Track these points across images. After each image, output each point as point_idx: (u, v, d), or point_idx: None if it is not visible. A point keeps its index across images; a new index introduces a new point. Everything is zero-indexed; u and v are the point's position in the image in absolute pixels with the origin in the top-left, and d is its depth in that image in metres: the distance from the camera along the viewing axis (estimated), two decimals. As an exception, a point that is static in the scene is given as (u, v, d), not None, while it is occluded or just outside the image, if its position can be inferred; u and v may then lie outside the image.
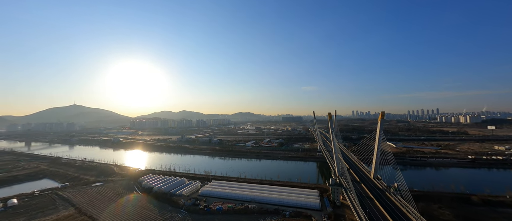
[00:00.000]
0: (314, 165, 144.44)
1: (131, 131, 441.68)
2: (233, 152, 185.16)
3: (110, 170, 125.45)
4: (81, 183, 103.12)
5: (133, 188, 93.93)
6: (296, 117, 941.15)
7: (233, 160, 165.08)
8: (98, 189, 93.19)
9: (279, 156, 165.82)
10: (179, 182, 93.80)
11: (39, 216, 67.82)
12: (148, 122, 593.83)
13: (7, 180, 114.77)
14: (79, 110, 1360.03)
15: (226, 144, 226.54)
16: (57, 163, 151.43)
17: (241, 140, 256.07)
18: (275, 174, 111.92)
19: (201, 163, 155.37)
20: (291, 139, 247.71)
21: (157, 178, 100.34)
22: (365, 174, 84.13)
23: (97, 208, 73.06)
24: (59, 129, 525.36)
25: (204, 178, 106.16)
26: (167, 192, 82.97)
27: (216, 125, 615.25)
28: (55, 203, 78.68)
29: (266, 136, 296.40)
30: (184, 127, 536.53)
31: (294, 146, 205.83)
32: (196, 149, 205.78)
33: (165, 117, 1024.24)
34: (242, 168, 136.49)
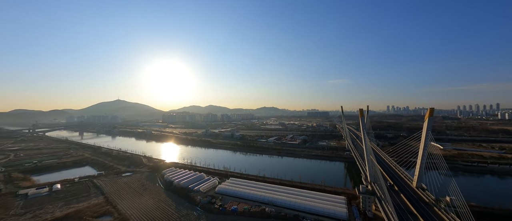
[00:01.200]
0: (341, 165, 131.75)
1: (162, 124, 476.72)
2: (254, 148, 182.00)
3: (139, 161, 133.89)
4: (113, 172, 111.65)
5: (156, 180, 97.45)
6: (322, 112, 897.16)
7: (254, 156, 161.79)
8: (126, 180, 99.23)
9: (302, 153, 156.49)
10: (198, 178, 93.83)
11: (74, 202, 74.01)
12: (177, 116, 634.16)
13: (57, 166, 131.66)
14: (122, 104, 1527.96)
15: (248, 139, 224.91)
16: (98, 152, 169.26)
17: (263, 135, 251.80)
18: (297, 174, 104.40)
19: (222, 158, 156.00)
20: (316, 136, 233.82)
21: (178, 172, 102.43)
22: (405, 182, 70.98)
23: (122, 198, 76.84)
24: (104, 121, 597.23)
25: (222, 174, 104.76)
26: (185, 187, 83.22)
27: (239, 120, 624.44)
28: (89, 190, 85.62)
29: (289, 132, 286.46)
30: (210, 121, 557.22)
31: (319, 143, 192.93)
32: (218, 143, 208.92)
33: (193, 111, 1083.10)
34: (262, 165, 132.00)
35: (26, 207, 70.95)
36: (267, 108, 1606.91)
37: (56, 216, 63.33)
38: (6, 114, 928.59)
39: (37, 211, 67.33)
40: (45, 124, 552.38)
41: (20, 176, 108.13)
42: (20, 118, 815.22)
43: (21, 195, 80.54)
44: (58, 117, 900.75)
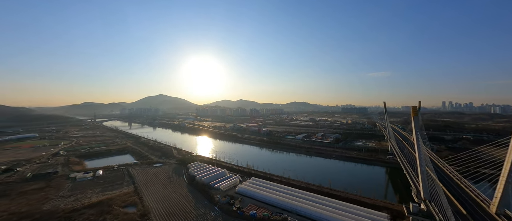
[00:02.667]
0: (381, 171, 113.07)
1: (196, 117, 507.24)
2: (281, 145, 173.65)
3: (170, 153, 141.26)
4: (146, 162, 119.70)
5: (182, 174, 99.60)
6: (359, 108, 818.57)
7: (280, 154, 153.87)
8: (155, 170, 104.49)
9: (334, 154, 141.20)
10: (220, 174, 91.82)
11: (109, 189, 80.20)
12: (209, 110, 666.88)
13: (104, 153, 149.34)
14: (164, 98, 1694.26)
15: (275, 135, 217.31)
16: (138, 142, 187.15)
17: (292, 131, 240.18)
18: (327, 177, 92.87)
19: (246, 154, 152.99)
20: (351, 135, 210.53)
21: (202, 166, 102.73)
22: (478, 204, 53.43)
23: (148, 189, 79.91)
24: (148, 114, 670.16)
25: (245, 172, 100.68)
26: (206, 184, 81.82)
27: (268, 115, 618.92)
28: (124, 178, 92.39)
29: (320, 129, 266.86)
30: (239, 116, 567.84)
31: (354, 143, 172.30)
32: (244, 138, 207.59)
33: (224, 105, 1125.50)
34: (288, 164, 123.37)
35: (72, 189, 79.99)
36: (297, 103, 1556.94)
37: (91, 201, 68.78)
38: (78, 106, 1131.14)
39: (79, 195, 74.86)
40: (104, 114, 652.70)
41: (76, 160, 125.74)
42: (87, 109, 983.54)
43: (71, 178, 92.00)
44: (114, 109, 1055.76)
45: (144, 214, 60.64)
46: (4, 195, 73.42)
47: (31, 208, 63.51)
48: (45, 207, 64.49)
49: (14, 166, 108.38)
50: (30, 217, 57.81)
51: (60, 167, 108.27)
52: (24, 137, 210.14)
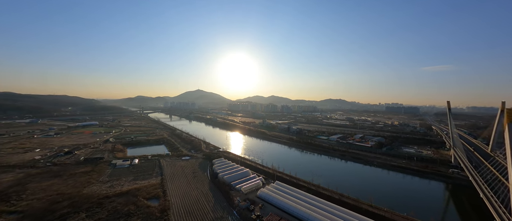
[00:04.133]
0: (440, 188, 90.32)
1: (227, 112, 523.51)
2: (312, 146, 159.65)
3: (199, 146, 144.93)
4: (176, 154, 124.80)
5: (206, 169, 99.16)
6: (408, 108, 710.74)
7: (311, 155, 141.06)
8: (183, 163, 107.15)
9: (375, 161, 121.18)
10: (242, 174, 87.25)
11: (140, 178, 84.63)
12: (241, 105, 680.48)
13: (144, 142, 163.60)
14: (200, 93, 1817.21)
15: (306, 134, 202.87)
16: (173, 134, 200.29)
17: (325, 131, 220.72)
18: (367, 190, 78.51)
19: (273, 153, 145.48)
20: (398, 139, 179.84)
21: (225, 164, 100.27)
22: None
23: (173, 183, 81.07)
24: (186, 108, 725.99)
25: (269, 173, 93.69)
26: (228, 184, 78.26)
27: (300, 112, 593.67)
28: (154, 169, 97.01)
29: (359, 130, 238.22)
30: (269, 112, 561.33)
31: (403, 149, 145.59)
32: (273, 136, 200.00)
33: (256, 101, 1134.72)
34: (319, 168, 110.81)
35: (110, 175, 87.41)
36: (333, 101, 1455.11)
37: (122, 189, 72.89)
38: (132, 99, 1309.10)
39: (114, 182, 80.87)
40: (150, 107, 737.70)
41: (120, 147, 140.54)
42: (139, 102, 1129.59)
43: (112, 165, 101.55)
44: (159, 102, 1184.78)
45: (164, 209, 60.24)
46: (59, 175, 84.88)
47: (74, 190, 70.82)
48: (85, 191, 71.05)
49: (74, 149, 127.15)
50: (70, 199, 63.87)
51: (106, 153, 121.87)
52: (88, 124, 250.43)
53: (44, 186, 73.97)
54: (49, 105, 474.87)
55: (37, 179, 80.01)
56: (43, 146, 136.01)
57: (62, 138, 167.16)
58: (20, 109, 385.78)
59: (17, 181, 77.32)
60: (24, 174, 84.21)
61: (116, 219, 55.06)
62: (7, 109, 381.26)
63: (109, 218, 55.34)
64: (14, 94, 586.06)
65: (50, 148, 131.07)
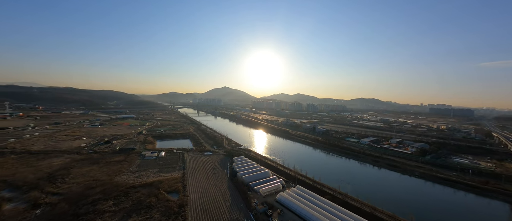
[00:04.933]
0: (505, 210, 72.56)
1: (251, 110, 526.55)
2: (340, 148, 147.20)
3: (221, 142, 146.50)
4: (199, 149, 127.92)
5: (226, 166, 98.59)
6: (458, 110, 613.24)
7: (338, 159, 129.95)
8: (204, 159, 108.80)
9: (417, 171, 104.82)
10: (262, 174, 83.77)
11: (164, 171, 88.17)
12: (265, 102, 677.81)
13: (172, 135, 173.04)
14: (226, 90, 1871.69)
15: (333, 135, 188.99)
16: (198, 129, 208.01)
17: (355, 133, 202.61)
18: (406, 205, 67.48)
19: (296, 154, 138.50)
20: (445, 146, 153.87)
21: (245, 162, 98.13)
22: None
23: (193, 178, 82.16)
24: (212, 104, 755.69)
25: (290, 176, 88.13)
26: (246, 183, 75.72)
27: (327, 111, 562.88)
28: (178, 163, 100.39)
29: (395, 133, 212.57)
30: (294, 110, 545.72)
31: (452, 159, 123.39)
32: (296, 135, 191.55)
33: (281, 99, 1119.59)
34: (347, 174, 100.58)
35: (139, 166, 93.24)
36: (364, 100, 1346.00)
37: (147, 181, 76.50)
38: (166, 94, 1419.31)
39: (142, 172, 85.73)
40: (180, 102, 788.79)
41: (150, 139, 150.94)
42: (171, 97, 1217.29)
43: (141, 156, 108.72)
44: (189, 98, 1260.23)
45: (182, 205, 60.58)
46: (97, 162, 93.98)
47: (107, 178, 76.97)
48: (116, 179, 76.61)
49: (112, 139, 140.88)
50: (103, 186, 69.25)
51: (138, 144, 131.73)
52: (126, 117, 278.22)
53: (84, 171, 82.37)
54: (98, 99, 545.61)
55: (79, 164, 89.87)
56: (89, 135, 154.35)
57: (104, 128, 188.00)
58: (77, 101, 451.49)
59: (64, 165, 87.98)
60: (70, 160, 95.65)
61: (138, 210, 57.16)
62: (68, 101, 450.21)
63: (132, 208, 57.81)
64: (73, 89, 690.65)
65: (94, 137, 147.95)
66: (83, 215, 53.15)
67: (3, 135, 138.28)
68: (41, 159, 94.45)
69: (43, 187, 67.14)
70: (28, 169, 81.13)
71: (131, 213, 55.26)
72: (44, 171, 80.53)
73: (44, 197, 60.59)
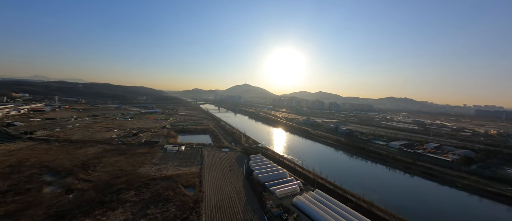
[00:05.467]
0: None
1: (270, 107, 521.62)
2: (365, 151, 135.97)
3: (239, 139, 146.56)
4: (217, 145, 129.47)
5: (243, 164, 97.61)
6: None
7: (363, 163, 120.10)
8: (222, 155, 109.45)
9: (459, 181, 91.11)
10: (279, 175, 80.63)
11: (183, 165, 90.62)
12: (285, 100, 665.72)
13: (192, 130, 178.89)
14: (247, 87, 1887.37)
15: (358, 137, 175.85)
16: (218, 125, 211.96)
17: (383, 135, 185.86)
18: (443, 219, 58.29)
19: (316, 155, 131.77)
20: (496, 154, 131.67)
21: (262, 161, 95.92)
22: None
23: (210, 174, 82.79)
24: (233, 101, 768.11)
25: (309, 178, 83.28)
26: (262, 183, 73.47)
27: (352, 110, 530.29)
28: (196, 158, 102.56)
29: (432, 137, 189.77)
30: (315, 109, 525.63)
31: (506, 170, 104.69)
32: (317, 135, 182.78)
33: (302, 97, 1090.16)
34: (374, 180, 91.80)
35: (161, 159, 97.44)
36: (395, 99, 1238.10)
37: (167, 174, 79.19)
38: (190, 91, 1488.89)
39: (162, 165, 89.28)
40: (202, 99, 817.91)
41: (173, 133, 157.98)
42: (195, 93, 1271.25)
43: (163, 149, 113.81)
44: (211, 95, 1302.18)
45: (197, 200, 60.93)
46: (124, 153, 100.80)
47: (131, 168, 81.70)
48: (139, 170, 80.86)
49: (139, 132, 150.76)
50: (127, 176, 73.48)
51: (162, 138, 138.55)
52: (153, 111, 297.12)
53: (112, 161, 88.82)
54: (130, 94, 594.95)
55: (109, 154, 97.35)
56: (120, 127, 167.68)
57: (134, 121, 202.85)
58: (113, 96, 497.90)
59: (96, 154, 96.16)
60: (102, 150, 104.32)
61: (156, 202, 58.97)
62: (105, 96, 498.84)
63: (151, 200, 59.90)
64: (110, 85, 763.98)
65: (124, 129, 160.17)
66: (108, 203, 56.56)
67: (51, 125, 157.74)
68: (78, 148, 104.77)
69: (77, 173, 73.84)
70: (67, 156, 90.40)
71: (149, 205, 57.19)
72: (79, 159, 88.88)
73: (77, 183, 66.36)
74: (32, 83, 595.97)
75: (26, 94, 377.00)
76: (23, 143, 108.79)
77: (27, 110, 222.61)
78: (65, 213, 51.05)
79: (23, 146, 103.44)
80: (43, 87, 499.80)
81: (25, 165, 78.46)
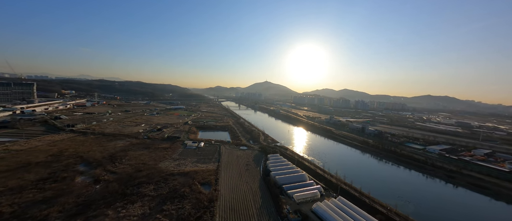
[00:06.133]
0: None
1: (291, 105, 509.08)
2: (397, 155, 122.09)
3: (257, 138, 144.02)
4: (235, 143, 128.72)
5: (260, 163, 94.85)
6: None
7: (395, 168, 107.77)
8: (239, 153, 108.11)
9: (520, 198, 75.17)
10: (297, 177, 75.87)
11: (200, 162, 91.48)
12: (306, 98, 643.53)
13: (212, 127, 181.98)
14: (268, 85, 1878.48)
15: (388, 139, 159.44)
16: (237, 122, 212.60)
17: (419, 138, 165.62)
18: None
19: (339, 157, 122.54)
20: None
21: (280, 161, 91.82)
22: None
23: (226, 172, 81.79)
24: (253, 98, 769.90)
25: (331, 182, 76.65)
26: (279, 185, 69.72)
27: (381, 110, 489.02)
28: (214, 155, 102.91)
29: (481, 142, 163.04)
30: (339, 107, 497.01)
31: None
32: (341, 136, 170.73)
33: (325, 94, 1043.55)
34: (408, 189, 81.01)
35: (181, 154, 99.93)
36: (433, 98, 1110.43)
37: (185, 170, 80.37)
38: (212, 88, 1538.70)
39: (181, 161, 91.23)
40: (224, 96, 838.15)
41: (194, 129, 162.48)
42: (217, 91, 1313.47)
43: (184, 144, 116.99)
44: (232, 92, 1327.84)
45: (212, 199, 59.91)
46: (148, 147, 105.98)
47: (152, 162, 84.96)
48: (159, 165, 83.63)
49: (163, 127, 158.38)
50: (148, 170, 76.37)
51: (183, 134, 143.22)
52: (178, 107, 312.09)
53: (137, 155, 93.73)
54: (158, 91, 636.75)
55: (135, 148, 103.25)
56: (147, 122, 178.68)
57: (159, 117, 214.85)
58: (143, 93, 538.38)
59: (124, 148, 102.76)
60: (129, 143, 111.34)
61: (173, 198, 59.54)
62: (137, 93, 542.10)
63: (168, 195, 60.75)
64: (141, 83, 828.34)
65: (150, 124, 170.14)
66: (129, 195, 58.82)
67: (90, 118, 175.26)
68: (109, 141, 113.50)
69: (105, 165, 79.21)
70: (99, 148, 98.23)
71: (166, 201, 57.91)
72: (109, 151, 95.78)
73: (104, 175, 70.90)
74: (78, 81, 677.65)
75: (72, 91, 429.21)
76: (65, 134, 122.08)
77: (72, 105, 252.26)
78: (91, 203, 54.28)
79: (65, 137, 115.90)
80: (86, 85, 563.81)
81: (64, 155, 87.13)
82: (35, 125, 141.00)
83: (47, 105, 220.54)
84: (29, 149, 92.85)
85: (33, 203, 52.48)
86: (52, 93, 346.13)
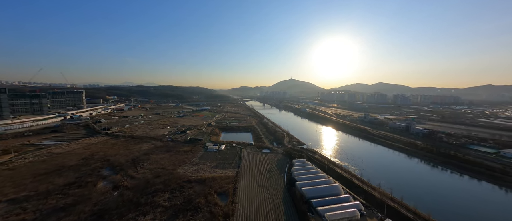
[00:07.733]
0: None
1: (318, 103, 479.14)
2: (457, 160, 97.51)
3: (281, 139, 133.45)
4: (258, 145, 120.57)
5: (284, 169, 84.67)
6: None
7: (458, 178, 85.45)
8: (262, 157, 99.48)
9: None
10: (329, 189, 63.55)
11: (219, 167, 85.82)
12: (335, 94, 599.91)
13: (235, 128, 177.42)
14: (293, 82, 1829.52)
15: (443, 140, 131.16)
16: (260, 122, 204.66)
17: (487, 138, 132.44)
18: None
19: (380, 163, 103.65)
20: None
21: (307, 168, 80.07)
22: None
23: (246, 179, 74.10)
24: (278, 97, 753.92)
25: (373, 197, 61.90)
26: (306, 200, 58.75)
27: (427, 104, 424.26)
28: (234, 159, 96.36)
29: None
30: (374, 103, 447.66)
31: None
32: (380, 136, 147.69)
33: (356, 89, 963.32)
34: (482, 207, 60.93)
35: (201, 158, 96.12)
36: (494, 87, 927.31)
37: (203, 176, 75.44)
38: (237, 89, 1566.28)
39: (201, 165, 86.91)
40: (248, 95, 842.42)
41: (216, 131, 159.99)
42: (241, 91, 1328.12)
43: (205, 147, 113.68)
44: (256, 92, 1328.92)
45: (227, 214, 52.61)
46: (170, 150, 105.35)
47: (171, 167, 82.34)
48: (178, 170, 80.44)
49: (187, 129, 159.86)
50: (166, 176, 73.49)
51: (205, 136, 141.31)
52: (203, 109, 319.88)
53: (158, 158, 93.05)
54: (187, 94, 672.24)
55: (157, 151, 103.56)
56: (173, 124, 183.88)
57: (185, 119, 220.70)
58: (173, 96, 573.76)
59: (148, 151, 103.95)
60: (153, 146, 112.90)
61: (186, 210, 54.23)
62: (168, 96, 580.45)
63: (181, 207, 55.72)
64: (172, 86, 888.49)
65: (175, 126, 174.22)
66: (142, 205, 55.52)
67: (124, 121, 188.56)
68: (136, 144, 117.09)
69: (127, 169, 79.34)
70: (125, 152, 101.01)
71: (178, 214, 52.71)
72: (134, 154, 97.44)
73: (124, 180, 70.13)
74: (120, 87, 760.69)
75: (115, 97, 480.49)
76: (100, 137, 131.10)
77: (112, 109, 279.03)
78: (104, 212, 52.27)
79: (100, 140, 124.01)
80: (127, 90, 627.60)
81: (94, 158, 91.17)
82: (78, 128, 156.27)
83: (92, 110, 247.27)
84: (68, 152, 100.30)
85: (53, 210, 52.74)
86: (99, 99, 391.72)
